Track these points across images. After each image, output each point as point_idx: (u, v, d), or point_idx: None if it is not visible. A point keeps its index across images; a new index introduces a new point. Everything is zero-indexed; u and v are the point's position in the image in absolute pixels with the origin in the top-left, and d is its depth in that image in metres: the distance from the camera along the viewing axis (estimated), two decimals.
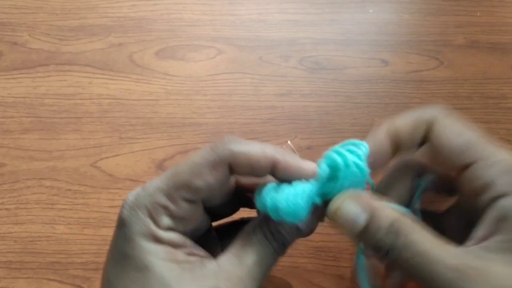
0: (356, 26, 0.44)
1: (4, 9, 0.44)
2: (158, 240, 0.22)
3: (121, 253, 0.22)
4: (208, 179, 0.22)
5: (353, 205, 0.23)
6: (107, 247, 0.36)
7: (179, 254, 0.22)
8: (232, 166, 0.23)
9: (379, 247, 0.22)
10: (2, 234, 0.35)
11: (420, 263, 0.21)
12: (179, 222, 0.23)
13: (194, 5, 0.45)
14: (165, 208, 0.22)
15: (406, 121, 0.26)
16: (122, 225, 0.23)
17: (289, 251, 0.29)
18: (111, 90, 0.41)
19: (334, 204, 0.23)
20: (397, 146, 0.26)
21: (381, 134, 0.26)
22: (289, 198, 0.22)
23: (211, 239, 0.27)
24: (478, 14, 0.45)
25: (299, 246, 0.29)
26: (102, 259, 0.34)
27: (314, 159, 0.26)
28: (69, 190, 0.37)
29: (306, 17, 0.45)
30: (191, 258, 0.22)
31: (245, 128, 0.39)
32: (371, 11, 0.45)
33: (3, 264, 0.34)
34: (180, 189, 0.22)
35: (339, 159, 0.23)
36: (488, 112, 0.41)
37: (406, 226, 0.22)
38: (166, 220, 0.22)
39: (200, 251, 0.24)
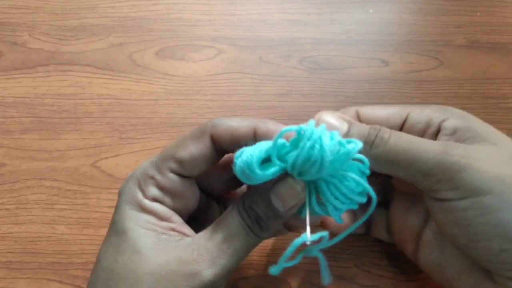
0: (356, 26, 0.44)
1: (4, 9, 0.44)
2: (142, 208, 0.23)
3: (111, 221, 0.24)
4: (191, 150, 0.24)
5: (333, 118, 0.25)
6: None
7: (160, 226, 0.23)
8: (214, 137, 0.24)
9: (365, 142, 0.23)
10: (2, 234, 0.35)
11: (406, 148, 0.23)
12: (167, 195, 0.24)
13: (194, 5, 0.45)
14: (152, 178, 0.23)
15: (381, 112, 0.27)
16: (118, 196, 0.24)
17: None
18: (111, 90, 0.41)
19: (315, 118, 0.25)
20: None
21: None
22: (245, 153, 0.22)
23: None
24: (478, 14, 0.45)
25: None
26: None
27: None
28: (69, 190, 0.37)
29: (306, 17, 0.45)
30: (172, 233, 0.23)
31: None
32: (371, 11, 0.45)
33: (3, 264, 0.34)
34: (166, 161, 0.24)
35: (309, 129, 0.22)
36: (488, 112, 0.41)
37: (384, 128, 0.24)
38: (153, 190, 0.23)
39: (187, 229, 0.24)
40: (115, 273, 0.22)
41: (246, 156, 0.22)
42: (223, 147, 0.24)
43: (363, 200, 0.24)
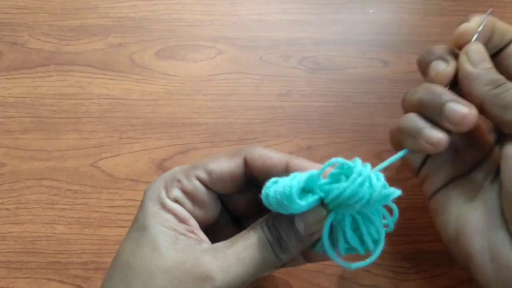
0: (356, 26, 0.44)
1: (4, 9, 0.44)
2: (163, 206, 0.24)
3: (134, 218, 0.24)
4: (222, 165, 0.25)
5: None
6: (107, 247, 0.36)
7: (179, 227, 0.23)
8: (247, 159, 0.25)
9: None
10: (2, 234, 0.35)
11: None
12: (188, 199, 0.24)
13: (194, 5, 0.45)
14: (179, 182, 0.24)
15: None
16: (143, 195, 0.25)
17: None
18: (111, 90, 0.41)
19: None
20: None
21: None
22: (280, 184, 0.22)
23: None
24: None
25: None
26: (102, 259, 0.35)
27: (314, 159, 0.26)
28: (69, 190, 0.37)
29: (306, 17, 0.45)
30: (190, 234, 0.23)
31: (245, 128, 0.39)
32: (371, 11, 0.45)
33: (3, 264, 0.34)
34: (196, 169, 0.25)
35: (358, 166, 0.22)
36: None
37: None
38: (176, 192, 0.24)
39: (202, 235, 0.24)
40: (132, 268, 0.22)
41: (283, 186, 0.22)
42: (253, 172, 0.25)
43: (375, 249, 0.24)
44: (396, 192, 0.23)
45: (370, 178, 0.22)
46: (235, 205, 0.28)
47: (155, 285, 0.21)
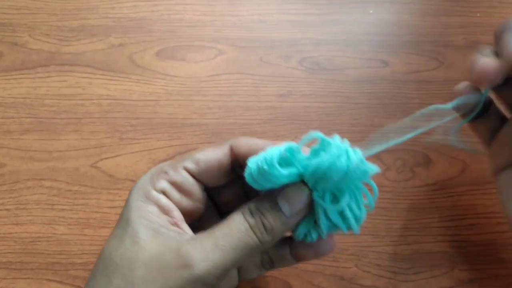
0: (356, 27, 0.44)
1: (4, 10, 0.44)
2: (148, 198, 0.24)
3: (120, 213, 0.25)
4: (209, 153, 0.25)
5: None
6: None
7: (162, 219, 0.23)
8: (233, 147, 0.25)
9: None
10: (2, 235, 0.35)
11: None
12: (175, 189, 0.25)
13: (195, 5, 0.45)
14: (165, 173, 0.24)
15: None
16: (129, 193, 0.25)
17: None
18: (111, 90, 0.41)
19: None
20: None
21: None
22: (262, 153, 0.23)
23: None
24: (478, 14, 0.45)
25: None
26: None
27: None
28: (69, 190, 0.37)
29: (307, 17, 0.45)
30: (171, 227, 0.23)
31: (245, 129, 0.39)
32: (371, 11, 0.45)
33: (3, 265, 0.34)
34: (184, 160, 0.25)
35: (336, 140, 0.23)
36: None
37: None
38: (163, 183, 0.24)
39: (185, 228, 0.24)
40: (113, 262, 0.22)
41: (264, 153, 0.22)
42: (239, 159, 0.25)
43: (356, 228, 0.25)
44: (375, 168, 0.23)
45: (347, 152, 0.23)
46: (222, 199, 0.28)
47: (135, 277, 0.21)
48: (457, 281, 0.34)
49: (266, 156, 0.22)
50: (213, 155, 0.25)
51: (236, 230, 0.22)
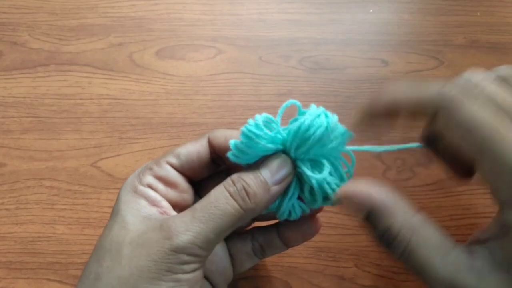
0: (356, 26, 0.44)
1: (4, 9, 0.44)
2: (136, 192, 0.25)
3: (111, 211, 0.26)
4: (188, 147, 0.27)
5: (352, 204, 0.23)
6: None
7: (151, 209, 0.24)
8: (210, 139, 0.27)
9: (384, 242, 0.22)
10: (2, 234, 0.35)
11: (420, 270, 0.21)
12: (161, 182, 0.26)
13: (194, 5, 0.45)
14: (150, 169, 0.26)
15: (408, 97, 0.23)
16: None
17: (289, 251, 0.29)
18: (111, 90, 0.41)
19: (338, 194, 0.24)
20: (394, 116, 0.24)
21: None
22: (248, 122, 0.24)
23: None
24: (478, 14, 0.45)
25: (299, 246, 0.29)
26: None
27: None
28: (69, 190, 0.37)
29: (306, 17, 0.45)
30: (159, 216, 0.24)
31: None
32: (371, 11, 0.45)
33: (3, 265, 0.34)
34: (165, 157, 0.26)
35: (313, 106, 0.25)
36: None
37: (414, 236, 0.21)
38: (148, 178, 0.26)
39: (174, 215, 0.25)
40: (103, 247, 0.23)
41: (248, 124, 0.24)
42: (217, 150, 0.26)
43: (330, 200, 0.25)
44: (349, 132, 0.25)
45: (325, 112, 0.24)
46: (207, 191, 0.28)
47: (121, 256, 0.22)
48: None
49: (250, 122, 0.23)
50: (192, 148, 0.27)
51: (214, 200, 0.23)
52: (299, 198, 0.26)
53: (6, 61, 0.42)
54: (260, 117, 0.24)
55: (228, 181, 0.24)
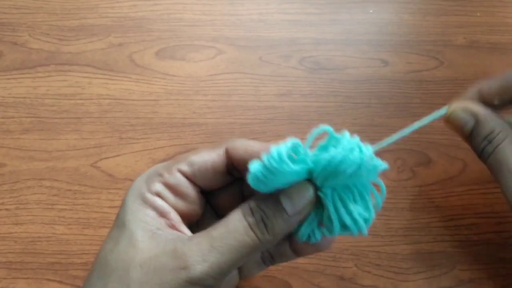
0: (356, 26, 0.44)
1: (4, 9, 0.44)
2: (143, 200, 0.23)
3: (116, 215, 0.24)
4: (203, 155, 0.25)
5: (462, 113, 0.29)
6: None
7: (159, 221, 0.23)
8: (228, 149, 0.25)
9: (478, 148, 0.29)
10: (2, 235, 0.35)
11: (500, 167, 0.28)
12: (170, 191, 0.24)
13: (194, 5, 0.45)
14: (160, 176, 0.24)
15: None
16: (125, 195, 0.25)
17: None
18: (111, 90, 0.41)
19: (448, 110, 0.29)
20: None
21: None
22: (265, 157, 0.21)
23: None
24: (478, 14, 0.45)
25: None
26: None
27: None
28: (69, 190, 0.37)
29: (306, 17, 0.45)
30: (168, 230, 0.23)
31: (245, 128, 0.39)
32: (371, 11, 0.45)
33: (3, 265, 0.34)
34: (178, 163, 0.25)
35: (346, 135, 0.23)
36: None
37: (498, 137, 0.28)
38: (157, 186, 0.24)
39: (184, 229, 0.24)
40: (109, 264, 0.22)
41: (271, 153, 0.21)
42: (234, 162, 0.25)
43: (365, 230, 0.24)
44: (384, 164, 0.23)
45: (360, 145, 0.22)
46: (219, 203, 0.28)
47: (130, 279, 0.21)
48: (457, 281, 0.34)
49: (273, 154, 0.21)
50: (208, 157, 0.25)
51: (233, 229, 0.22)
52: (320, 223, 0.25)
53: (6, 61, 0.42)
54: (285, 148, 0.21)
55: (246, 209, 0.23)
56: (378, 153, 0.30)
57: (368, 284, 0.34)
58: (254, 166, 0.21)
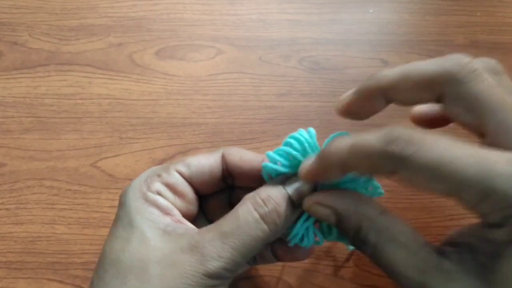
0: (356, 26, 0.44)
1: (4, 9, 0.44)
2: (146, 199, 0.24)
3: (116, 217, 0.25)
4: (200, 158, 0.26)
5: (321, 209, 0.23)
6: None
7: (165, 218, 0.24)
8: (224, 155, 0.26)
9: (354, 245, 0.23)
10: (2, 234, 0.35)
11: (390, 270, 0.21)
12: (169, 190, 0.25)
13: (194, 5, 0.45)
14: (159, 176, 0.25)
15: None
16: (122, 196, 0.25)
17: None
18: (111, 90, 0.41)
19: (304, 205, 0.24)
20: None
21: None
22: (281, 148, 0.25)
23: None
24: (478, 14, 0.45)
25: None
26: None
27: None
28: (69, 190, 0.37)
29: (306, 17, 0.45)
30: (176, 224, 0.24)
31: (244, 128, 0.39)
32: (371, 11, 0.45)
33: (3, 264, 0.34)
34: (176, 164, 0.26)
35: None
36: None
37: (369, 238, 0.22)
38: (157, 185, 0.25)
39: (188, 224, 0.25)
40: (123, 264, 0.22)
41: (309, 129, 0.26)
42: (230, 167, 0.26)
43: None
44: (381, 192, 0.25)
45: (373, 182, 0.25)
46: (208, 207, 0.28)
47: (150, 275, 0.21)
48: None
49: (310, 130, 0.25)
50: (205, 161, 0.26)
51: (244, 223, 0.22)
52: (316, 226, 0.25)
53: (6, 61, 0.42)
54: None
55: (257, 199, 0.23)
56: None
57: (368, 283, 0.34)
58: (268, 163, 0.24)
